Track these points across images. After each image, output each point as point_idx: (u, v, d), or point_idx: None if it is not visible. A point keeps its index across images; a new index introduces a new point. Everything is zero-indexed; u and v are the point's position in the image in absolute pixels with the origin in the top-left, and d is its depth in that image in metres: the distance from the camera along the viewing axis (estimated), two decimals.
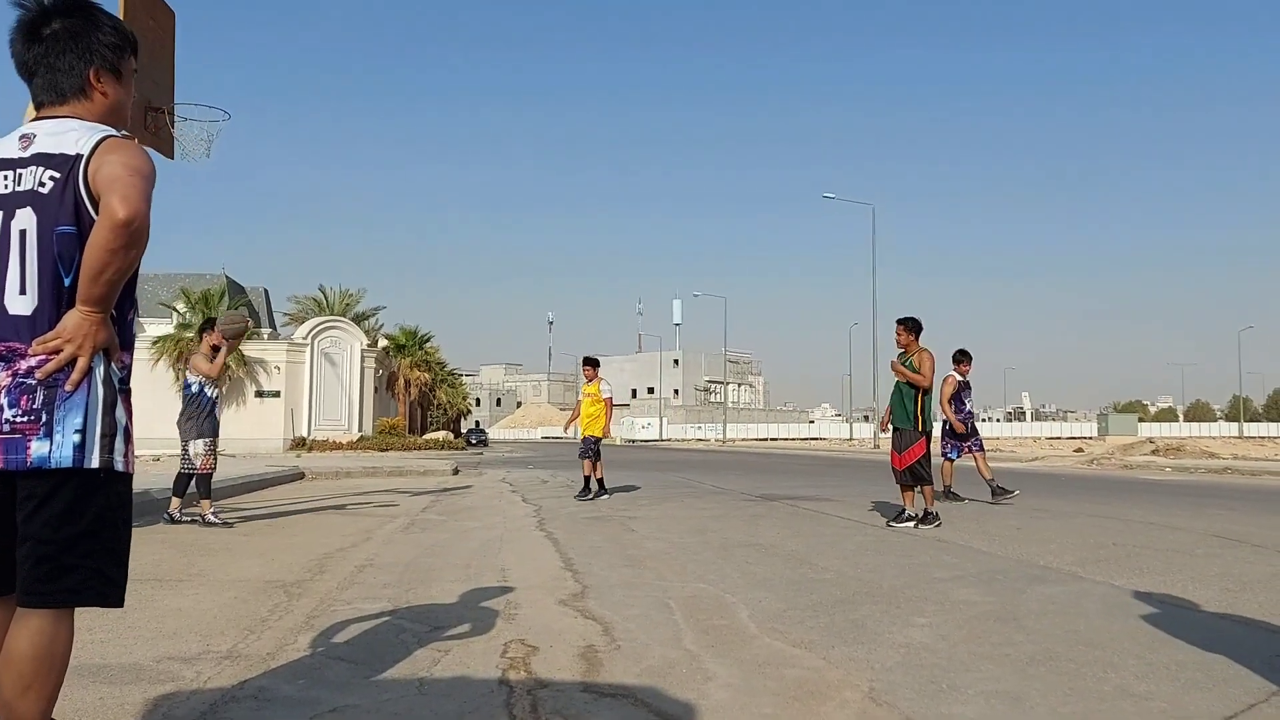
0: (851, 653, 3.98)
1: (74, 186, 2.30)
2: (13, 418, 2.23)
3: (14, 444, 2.22)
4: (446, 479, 18.34)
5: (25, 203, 2.32)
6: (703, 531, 8.61)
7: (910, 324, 9.43)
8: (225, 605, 4.98)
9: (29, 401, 2.23)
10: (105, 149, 2.33)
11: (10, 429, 2.23)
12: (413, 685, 3.46)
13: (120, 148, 2.34)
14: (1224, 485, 16.50)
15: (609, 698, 3.32)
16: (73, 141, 2.34)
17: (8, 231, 2.32)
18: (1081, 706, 3.22)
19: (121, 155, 2.31)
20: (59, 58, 2.43)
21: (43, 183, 2.31)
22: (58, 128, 2.38)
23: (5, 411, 2.23)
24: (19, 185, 2.33)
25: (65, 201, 2.30)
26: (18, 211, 2.32)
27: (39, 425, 2.23)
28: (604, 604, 5.03)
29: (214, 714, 3.09)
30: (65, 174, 2.31)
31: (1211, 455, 26.43)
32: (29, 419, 2.23)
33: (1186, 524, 9.21)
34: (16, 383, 2.24)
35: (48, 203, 2.30)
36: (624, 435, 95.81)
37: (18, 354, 2.27)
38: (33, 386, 2.24)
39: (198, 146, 9.85)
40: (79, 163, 2.31)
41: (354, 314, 47.15)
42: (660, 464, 27.65)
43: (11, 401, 2.23)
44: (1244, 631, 4.41)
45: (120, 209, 2.19)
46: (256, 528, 8.92)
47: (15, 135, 2.41)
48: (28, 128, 2.42)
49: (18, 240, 2.31)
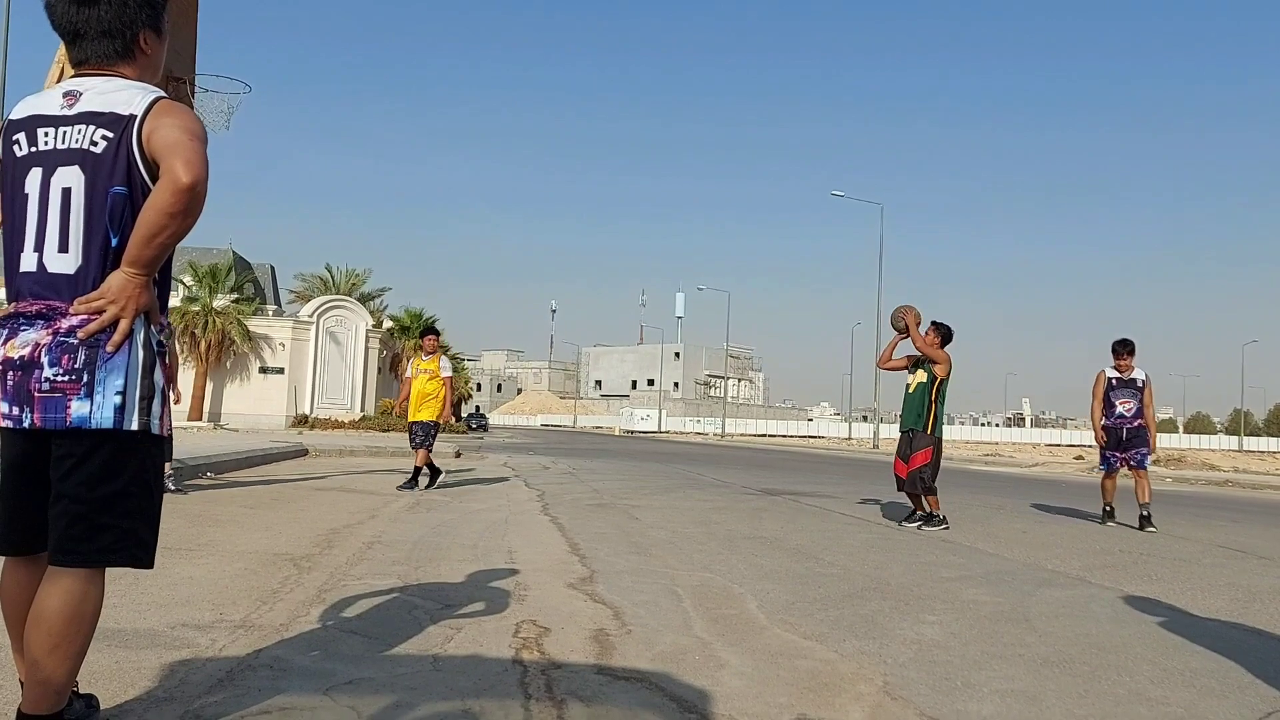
0: (863, 646, 3.98)
1: (127, 146, 2.27)
2: (53, 376, 2.21)
3: (53, 403, 2.21)
4: (449, 461, 18.35)
5: (72, 161, 2.28)
6: (706, 523, 8.61)
7: (944, 330, 9.04)
8: (237, 575, 4.98)
9: (70, 361, 2.22)
10: (160, 110, 2.31)
11: (50, 387, 2.21)
12: (427, 661, 3.46)
13: (175, 110, 2.32)
14: (1225, 497, 16.50)
15: (623, 680, 3.32)
16: (124, 101, 2.31)
17: (47, 188, 2.29)
18: (1098, 708, 3.22)
19: (178, 119, 2.30)
20: (113, 21, 2.39)
21: (94, 142, 2.28)
22: (105, 85, 2.34)
23: (45, 370, 2.21)
24: (62, 143, 2.29)
25: (119, 161, 2.27)
26: (60, 169, 2.28)
27: (80, 385, 2.22)
28: (612, 589, 5.03)
29: (231, 681, 3.09)
30: (118, 133, 2.27)
31: (1212, 468, 26.43)
32: (70, 378, 2.21)
33: (1191, 534, 9.20)
34: (57, 341, 2.22)
35: (100, 162, 2.27)
36: (623, 426, 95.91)
37: (58, 312, 2.25)
38: (74, 346, 2.22)
39: (218, 118, 9.86)
40: (132, 123, 2.28)
41: (360, 294, 47.17)
42: (660, 455, 27.67)
43: (53, 360, 2.21)
44: (1256, 641, 4.40)
45: (184, 173, 2.18)
46: (262, 501, 8.92)
47: (57, 91, 2.37)
48: (71, 84, 2.37)
49: (59, 198, 2.28)
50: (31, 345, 2.23)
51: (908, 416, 8.91)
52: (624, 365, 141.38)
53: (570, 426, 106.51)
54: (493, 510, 9.08)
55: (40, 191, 2.29)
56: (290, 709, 2.86)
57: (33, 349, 2.22)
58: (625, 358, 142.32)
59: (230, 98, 10.09)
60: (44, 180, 2.29)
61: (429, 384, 11.21)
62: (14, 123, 2.37)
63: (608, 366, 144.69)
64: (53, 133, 2.30)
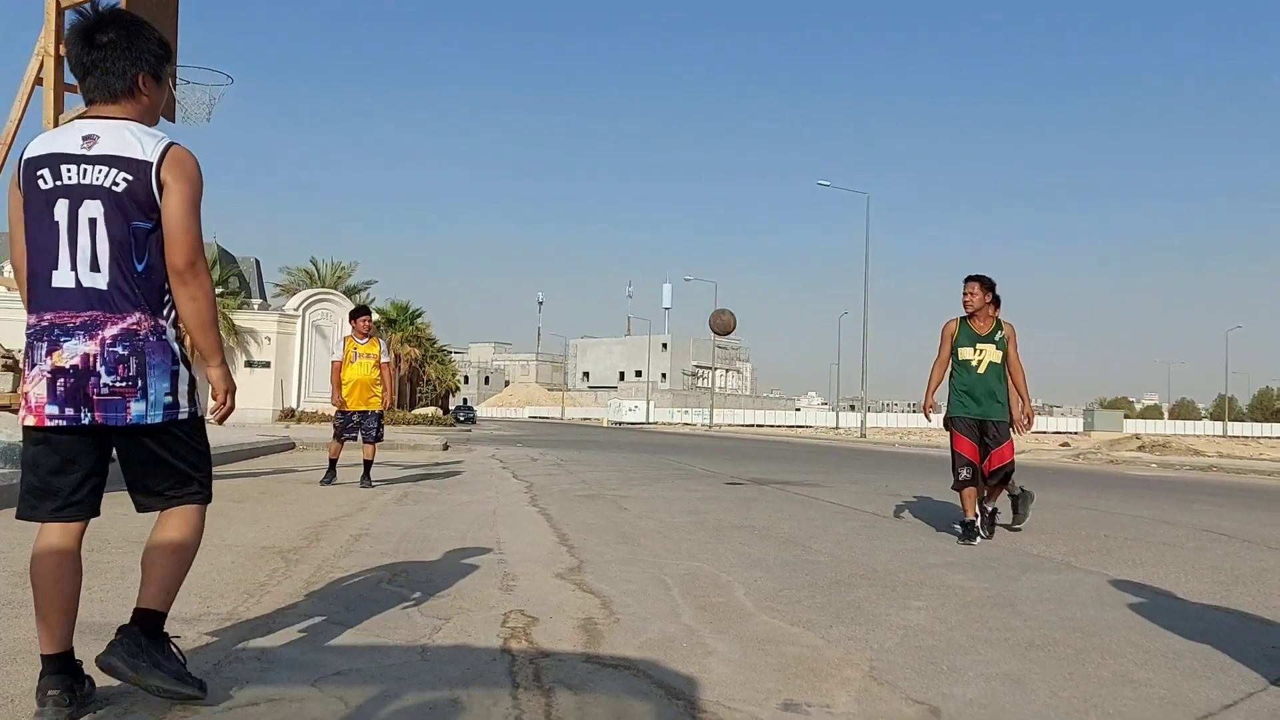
0: (850, 632, 4.00)
1: (145, 189, 2.68)
2: (111, 383, 2.64)
3: (113, 404, 2.65)
4: (437, 454, 18.34)
5: (97, 196, 2.66)
6: (695, 512, 8.63)
7: (988, 283, 7.31)
8: (223, 569, 4.97)
9: (125, 370, 2.66)
10: (170, 162, 2.71)
11: (110, 391, 2.64)
12: (415, 651, 3.46)
13: (180, 167, 2.73)
14: (1209, 482, 16.61)
15: (611, 669, 3.33)
16: (137, 147, 2.70)
17: (75, 217, 2.66)
18: (1082, 691, 3.25)
19: (184, 185, 2.73)
20: (113, 62, 2.77)
21: (116, 183, 2.66)
22: (117, 130, 2.72)
23: (103, 377, 2.64)
24: (84, 179, 2.66)
25: (140, 201, 2.68)
26: (86, 201, 2.66)
27: (136, 389, 2.67)
28: (601, 579, 5.04)
29: (218, 673, 3.08)
30: (137, 177, 2.68)
31: (1197, 453, 26.59)
32: (127, 384, 2.66)
33: (1175, 518, 9.27)
34: (108, 351, 2.65)
35: (122, 200, 2.67)
36: (611, 417, 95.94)
37: (99, 323, 2.65)
38: (125, 356, 2.66)
39: (199, 110, 9.78)
40: (149, 169, 2.69)
41: (346, 287, 47.03)
42: (648, 446, 27.71)
43: (109, 369, 2.64)
44: (1239, 623, 4.45)
45: (179, 258, 2.71)
46: (249, 495, 8.91)
47: (75, 132, 2.73)
48: (87, 126, 2.73)
49: (88, 226, 2.66)
50: (81, 355, 2.62)
51: (988, 404, 7.20)
52: (611, 357, 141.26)
53: (558, 418, 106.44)
54: (481, 502, 9.08)
55: (69, 220, 2.66)
56: (278, 700, 2.86)
57: (83, 358, 2.62)
58: (613, 349, 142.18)
59: (212, 90, 10.04)
60: (71, 210, 2.66)
61: (374, 370, 10.26)
62: (35, 159, 2.71)
63: (595, 358, 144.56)
64: (75, 169, 2.67)
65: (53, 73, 8.65)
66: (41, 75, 8.70)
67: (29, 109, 8.86)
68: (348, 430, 10.34)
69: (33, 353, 2.66)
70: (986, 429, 7.20)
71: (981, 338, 7.29)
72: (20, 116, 8.81)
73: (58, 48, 8.69)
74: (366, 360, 10.24)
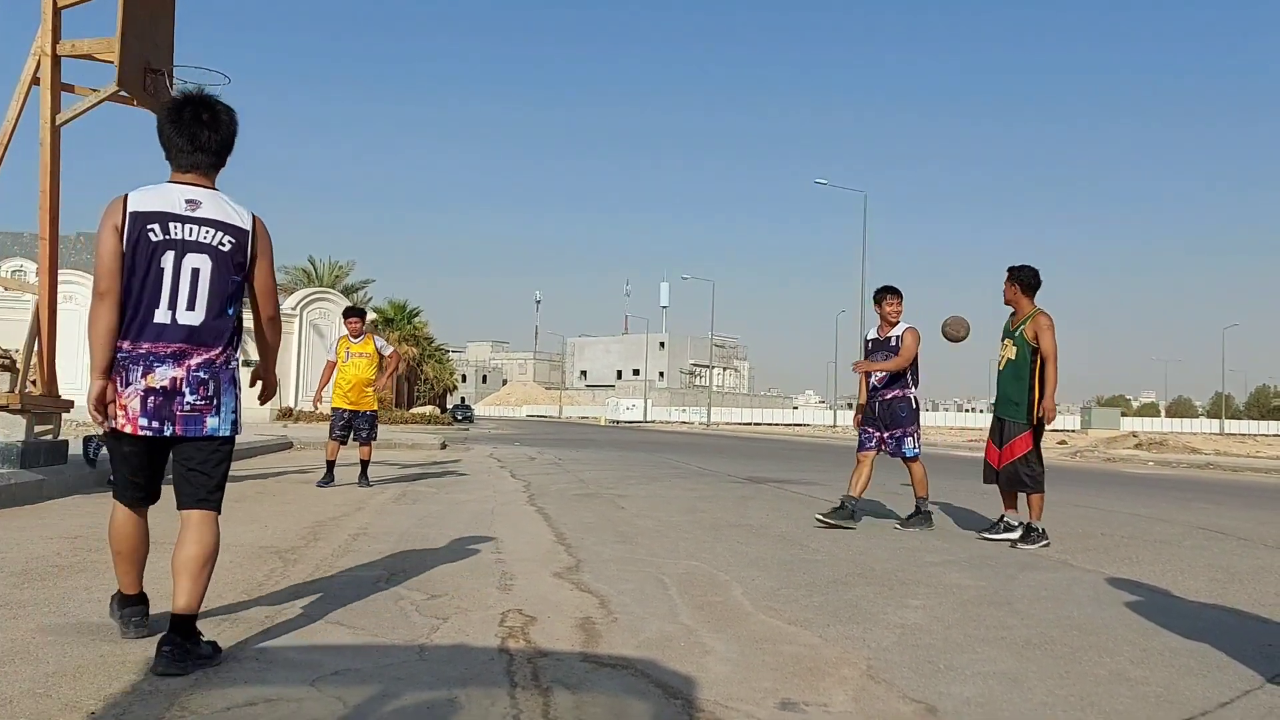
0: (847, 631, 4.01)
1: (243, 252, 3.36)
2: (193, 401, 3.25)
3: (193, 419, 3.27)
4: (434, 453, 18.34)
5: (202, 251, 3.27)
6: (692, 511, 8.64)
7: (1023, 275, 7.07)
8: (221, 569, 4.93)
9: (204, 390, 3.28)
10: (260, 232, 3.45)
11: (191, 409, 3.26)
12: (413, 651, 3.47)
13: (266, 234, 3.48)
14: (1206, 480, 16.64)
15: (609, 668, 3.34)
16: (235, 216, 3.37)
17: (179, 266, 3.24)
18: (1078, 689, 3.26)
19: (270, 255, 3.50)
20: (221, 145, 3.41)
21: (222, 243, 3.31)
22: (214, 199, 3.36)
23: (187, 397, 3.24)
24: (190, 235, 3.26)
25: (239, 261, 3.35)
26: (190, 254, 3.25)
27: (211, 407, 3.30)
28: (599, 578, 5.05)
29: (217, 674, 3.09)
30: (239, 241, 3.35)
31: (1194, 451, 26.65)
32: (205, 402, 3.28)
33: (1172, 517, 9.29)
34: (192, 375, 3.25)
35: (224, 257, 3.32)
36: (609, 416, 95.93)
37: (187, 354, 3.26)
38: (205, 380, 3.27)
39: None
40: (248, 235, 3.38)
41: (343, 286, 47.03)
42: (646, 445, 27.72)
43: (193, 390, 3.25)
44: (1235, 621, 4.46)
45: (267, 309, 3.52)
46: (247, 494, 8.90)
47: (178, 195, 3.30)
48: (189, 192, 3.32)
49: (190, 274, 3.25)
50: (170, 379, 3.21)
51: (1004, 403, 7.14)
52: (609, 356, 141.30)
53: (556, 417, 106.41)
54: (479, 501, 9.08)
55: (174, 268, 3.23)
56: (277, 700, 2.87)
57: (172, 381, 3.21)
58: (610, 348, 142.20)
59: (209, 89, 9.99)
60: (176, 261, 3.24)
61: (368, 370, 10.23)
62: (143, 214, 3.22)
63: (593, 357, 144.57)
64: (181, 227, 3.26)
65: (49, 72, 8.63)
66: (39, 75, 8.68)
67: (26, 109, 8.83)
68: (340, 428, 10.31)
69: (127, 373, 3.19)
70: (1004, 427, 7.08)
71: (1007, 333, 7.14)
72: (17, 116, 8.79)
73: (54, 47, 8.68)
74: (360, 360, 10.21)
